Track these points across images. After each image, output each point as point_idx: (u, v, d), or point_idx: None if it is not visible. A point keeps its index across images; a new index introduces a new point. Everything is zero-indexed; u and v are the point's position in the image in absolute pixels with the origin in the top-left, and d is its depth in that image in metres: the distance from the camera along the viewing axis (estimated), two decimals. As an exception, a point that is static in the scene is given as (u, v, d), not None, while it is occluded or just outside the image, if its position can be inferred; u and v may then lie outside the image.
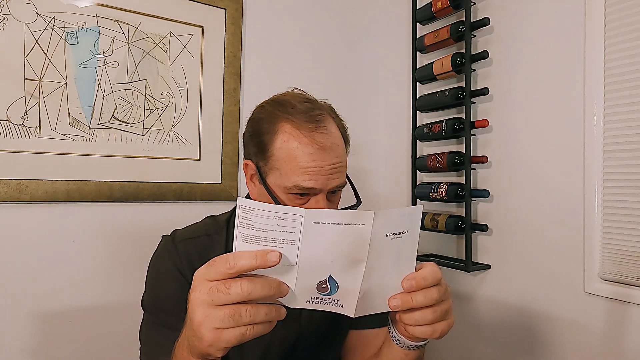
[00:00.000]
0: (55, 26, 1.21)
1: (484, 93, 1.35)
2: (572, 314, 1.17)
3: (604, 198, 1.12)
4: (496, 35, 1.38)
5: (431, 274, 0.58)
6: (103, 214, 1.27)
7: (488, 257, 1.39)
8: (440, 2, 1.43)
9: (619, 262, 1.08)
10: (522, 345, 1.29)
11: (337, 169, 0.74)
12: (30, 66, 1.17)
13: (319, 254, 0.52)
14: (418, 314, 0.58)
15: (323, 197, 0.74)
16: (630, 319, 1.06)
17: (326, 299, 0.55)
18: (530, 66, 1.29)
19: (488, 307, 1.39)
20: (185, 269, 0.76)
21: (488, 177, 1.40)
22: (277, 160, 0.74)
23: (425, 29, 1.58)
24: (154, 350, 0.75)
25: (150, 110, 1.34)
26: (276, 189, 0.75)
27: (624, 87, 1.08)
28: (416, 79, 1.56)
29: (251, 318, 0.50)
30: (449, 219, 1.41)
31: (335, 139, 0.75)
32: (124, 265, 1.29)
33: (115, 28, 1.29)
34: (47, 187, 1.18)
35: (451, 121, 1.40)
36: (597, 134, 1.12)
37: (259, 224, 0.50)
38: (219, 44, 1.45)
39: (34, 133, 1.18)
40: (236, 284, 0.50)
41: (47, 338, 1.19)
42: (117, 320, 1.27)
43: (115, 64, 1.29)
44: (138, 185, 1.31)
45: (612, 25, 1.11)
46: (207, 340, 0.51)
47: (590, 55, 1.14)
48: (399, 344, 0.65)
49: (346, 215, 0.51)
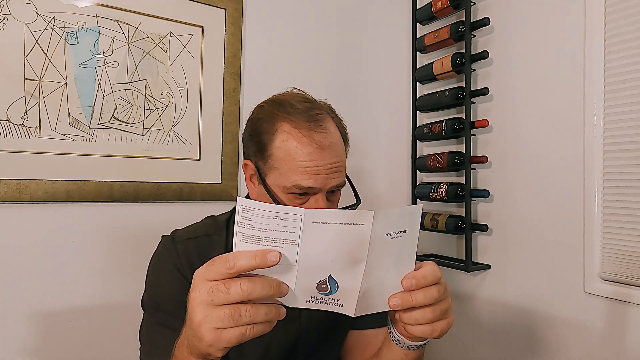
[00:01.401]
0: (55, 26, 1.21)
1: (484, 93, 1.36)
2: (572, 314, 1.17)
3: (604, 198, 1.12)
4: (496, 35, 1.38)
5: (431, 273, 0.58)
6: (103, 214, 1.27)
7: (488, 257, 1.39)
8: (440, 2, 1.43)
9: (619, 262, 1.08)
10: (522, 345, 1.29)
11: (336, 169, 0.74)
12: (30, 66, 1.17)
13: (319, 253, 0.52)
14: (418, 313, 0.58)
15: (322, 196, 0.74)
16: (630, 319, 1.06)
17: (326, 298, 0.55)
18: (530, 66, 1.29)
19: (488, 307, 1.39)
20: (185, 269, 0.76)
21: (488, 177, 1.40)
22: (277, 159, 0.74)
23: (425, 29, 1.58)
24: (154, 350, 0.75)
25: (150, 110, 1.34)
26: (275, 188, 0.75)
27: (624, 87, 1.08)
28: (416, 79, 1.56)
29: (251, 318, 0.50)
30: (449, 219, 1.41)
31: (334, 139, 0.75)
32: (123, 265, 1.29)
33: (115, 28, 1.29)
34: (47, 187, 1.19)
35: (451, 121, 1.40)
36: (597, 134, 1.12)
37: (259, 224, 0.50)
38: (219, 44, 1.45)
39: (34, 133, 1.18)
40: (236, 283, 0.50)
41: (47, 338, 1.19)
42: (117, 320, 1.27)
43: (115, 64, 1.29)
44: (138, 185, 1.31)
45: (612, 25, 1.10)
46: (207, 340, 0.51)
47: (590, 55, 1.14)
48: (399, 344, 0.65)
49: (346, 215, 0.51)
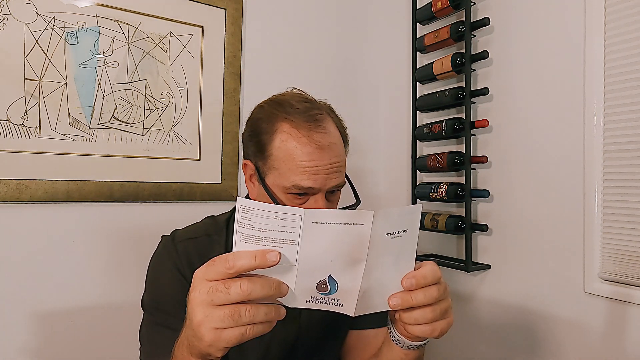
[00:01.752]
0: (55, 26, 1.21)
1: (484, 93, 1.36)
2: (572, 314, 1.17)
3: (604, 198, 1.12)
4: (496, 35, 1.38)
5: (431, 273, 0.58)
6: (103, 214, 1.27)
7: (488, 257, 1.39)
8: (440, 2, 1.43)
9: (619, 262, 1.08)
10: (522, 345, 1.29)
11: (336, 169, 0.74)
12: (30, 66, 1.17)
13: (319, 253, 0.52)
14: (418, 313, 0.58)
15: (322, 196, 0.74)
16: (630, 319, 1.06)
17: (326, 298, 0.55)
18: (530, 66, 1.29)
19: (488, 307, 1.39)
20: (185, 269, 0.76)
21: (488, 177, 1.39)
22: (276, 160, 0.73)
23: (425, 29, 1.58)
24: (153, 350, 0.75)
25: (150, 110, 1.34)
26: (275, 188, 0.75)
27: (624, 87, 1.08)
28: (416, 79, 1.56)
29: (251, 318, 0.50)
30: (449, 219, 1.41)
31: (333, 139, 0.75)
32: (123, 265, 1.29)
33: (115, 28, 1.29)
34: (47, 187, 1.19)
35: (451, 121, 1.40)
36: (597, 134, 1.12)
37: (259, 224, 0.50)
38: (219, 44, 1.45)
39: (34, 133, 1.18)
40: (236, 284, 0.50)
41: (47, 338, 1.19)
42: (117, 320, 1.27)
43: (115, 64, 1.29)
44: (138, 185, 1.31)
45: (612, 25, 1.10)
46: (206, 340, 0.51)
47: (590, 55, 1.14)
48: (399, 343, 0.65)
49: (346, 215, 0.51)
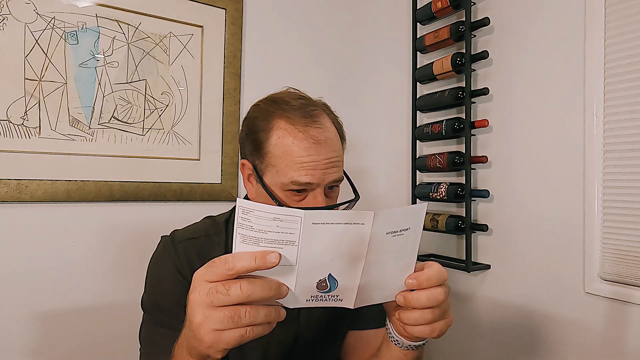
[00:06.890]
0: (55, 26, 1.21)
1: (484, 93, 1.35)
2: (572, 314, 1.17)
3: (604, 198, 1.12)
4: (496, 35, 1.38)
5: (436, 275, 0.58)
6: (103, 214, 1.27)
7: (488, 257, 1.39)
8: (440, 2, 1.43)
9: (619, 262, 1.08)
10: (522, 345, 1.29)
11: (334, 163, 0.74)
12: (30, 66, 1.17)
13: (319, 253, 0.52)
14: (417, 314, 0.58)
15: (321, 192, 0.74)
16: (630, 319, 1.06)
17: (325, 295, 0.56)
18: (530, 66, 1.28)
19: (488, 307, 1.39)
20: (184, 269, 0.76)
21: (488, 177, 1.39)
22: (273, 157, 0.73)
23: (425, 29, 1.58)
24: (153, 350, 0.75)
25: (150, 110, 1.34)
26: (273, 186, 0.75)
27: (624, 87, 1.08)
28: (416, 79, 1.56)
29: (251, 319, 0.50)
30: (449, 219, 1.41)
31: (330, 134, 0.75)
32: (123, 265, 1.29)
33: (115, 28, 1.29)
34: (47, 187, 1.19)
35: (451, 121, 1.40)
36: (597, 134, 1.12)
37: (258, 225, 0.50)
38: (219, 44, 1.45)
39: (34, 133, 1.18)
40: (236, 285, 0.50)
41: (47, 338, 1.19)
42: (117, 320, 1.27)
43: (115, 64, 1.29)
44: (138, 185, 1.31)
45: (612, 25, 1.10)
46: (206, 342, 0.51)
47: (590, 55, 1.14)
48: (397, 344, 0.65)
49: (346, 215, 0.51)
